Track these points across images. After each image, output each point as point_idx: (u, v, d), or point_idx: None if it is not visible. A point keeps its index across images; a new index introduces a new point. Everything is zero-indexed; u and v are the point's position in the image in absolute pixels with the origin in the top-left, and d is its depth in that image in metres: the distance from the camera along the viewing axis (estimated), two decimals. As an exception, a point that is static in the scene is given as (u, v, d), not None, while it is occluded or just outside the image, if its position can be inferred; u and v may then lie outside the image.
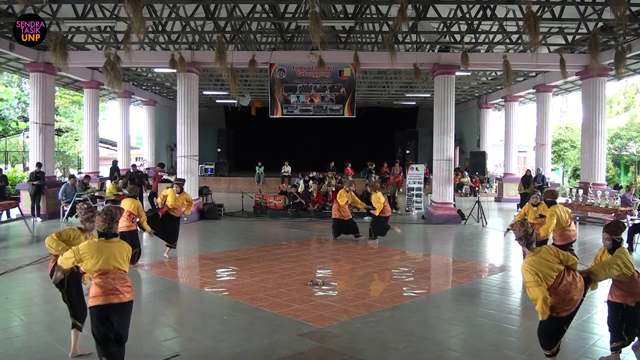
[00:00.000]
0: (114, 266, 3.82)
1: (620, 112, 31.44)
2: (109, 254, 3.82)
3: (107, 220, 3.91)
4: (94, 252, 3.79)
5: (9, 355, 4.40)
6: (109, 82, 10.42)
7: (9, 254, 8.72)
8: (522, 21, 9.73)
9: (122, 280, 3.86)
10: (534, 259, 3.85)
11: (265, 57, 13.16)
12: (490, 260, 8.63)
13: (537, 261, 3.83)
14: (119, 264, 3.87)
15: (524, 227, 3.99)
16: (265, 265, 8.00)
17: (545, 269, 3.79)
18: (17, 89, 23.06)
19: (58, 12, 10.90)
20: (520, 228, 4.00)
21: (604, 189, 12.31)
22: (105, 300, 3.73)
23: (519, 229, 4.00)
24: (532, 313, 5.74)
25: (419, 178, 15.32)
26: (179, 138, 13.29)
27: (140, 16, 7.86)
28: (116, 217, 3.98)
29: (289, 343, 4.70)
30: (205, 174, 21.77)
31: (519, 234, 4.01)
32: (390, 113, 26.82)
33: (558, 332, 3.98)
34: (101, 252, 3.81)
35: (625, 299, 4.25)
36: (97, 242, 3.92)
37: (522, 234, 3.98)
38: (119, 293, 3.79)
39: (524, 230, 3.98)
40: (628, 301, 4.24)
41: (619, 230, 4.45)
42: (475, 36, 13.15)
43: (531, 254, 3.92)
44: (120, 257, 3.90)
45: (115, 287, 3.78)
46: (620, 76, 13.87)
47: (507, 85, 11.96)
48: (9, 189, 14.74)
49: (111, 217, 3.93)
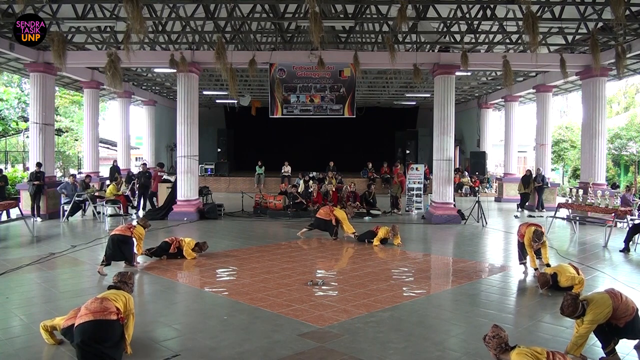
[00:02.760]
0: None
1: (620, 112, 31.46)
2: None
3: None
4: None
5: (9, 355, 4.39)
6: (109, 82, 10.44)
7: (9, 254, 8.71)
8: (522, 21, 9.73)
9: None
10: (519, 351, 3.67)
11: (265, 57, 13.16)
12: (490, 260, 8.63)
13: (523, 351, 3.65)
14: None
15: (496, 335, 3.78)
16: (265, 265, 8.00)
17: (534, 353, 3.62)
18: (17, 89, 23.07)
19: (58, 12, 10.91)
20: (493, 340, 3.78)
21: (604, 189, 12.30)
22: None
23: (492, 342, 3.78)
24: (532, 313, 5.76)
25: (419, 178, 15.33)
26: (179, 138, 13.29)
27: (140, 16, 7.87)
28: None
29: (289, 343, 4.70)
30: (205, 174, 21.79)
31: (494, 347, 3.77)
32: (390, 113, 26.83)
33: None
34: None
35: (614, 321, 4.24)
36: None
37: (497, 343, 3.75)
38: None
39: (497, 339, 3.77)
40: (617, 323, 4.24)
41: (573, 309, 4.27)
42: (475, 36, 13.15)
43: (514, 351, 3.69)
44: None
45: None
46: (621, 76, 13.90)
47: (507, 85, 11.96)
48: (9, 189, 14.76)
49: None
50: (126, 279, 4.68)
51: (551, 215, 12.13)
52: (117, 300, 4.27)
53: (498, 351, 3.76)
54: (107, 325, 4.05)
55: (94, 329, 4.00)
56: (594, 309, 4.19)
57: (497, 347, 3.76)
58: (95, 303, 4.19)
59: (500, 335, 3.78)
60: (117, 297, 4.32)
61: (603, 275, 7.50)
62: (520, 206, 15.85)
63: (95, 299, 4.26)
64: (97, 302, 4.20)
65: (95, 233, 10.81)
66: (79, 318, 4.10)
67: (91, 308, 4.13)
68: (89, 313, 4.07)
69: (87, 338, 3.96)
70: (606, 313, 4.17)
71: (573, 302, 4.16)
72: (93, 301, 4.24)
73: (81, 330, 4.02)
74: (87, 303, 4.26)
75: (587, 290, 6.76)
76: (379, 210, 14.41)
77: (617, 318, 4.22)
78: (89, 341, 3.95)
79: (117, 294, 4.39)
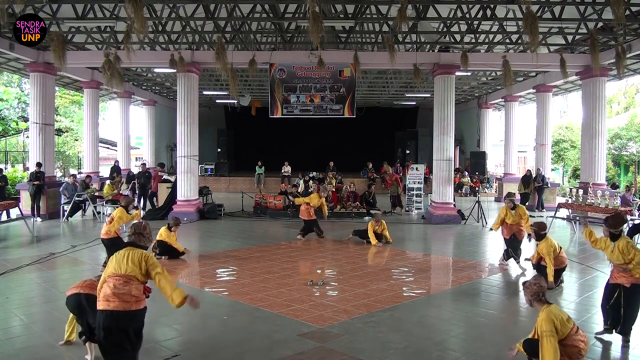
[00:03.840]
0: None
1: (620, 112, 31.45)
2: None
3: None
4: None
5: (9, 355, 4.40)
6: (109, 82, 10.44)
7: (9, 254, 8.72)
8: (522, 21, 9.73)
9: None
10: (552, 309, 3.87)
11: (265, 57, 13.16)
12: (490, 260, 8.63)
13: (555, 311, 3.84)
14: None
15: (537, 283, 3.97)
16: (265, 265, 8.00)
17: (562, 320, 3.81)
18: (17, 89, 23.06)
19: (58, 12, 10.91)
20: (532, 287, 3.97)
21: (604, 189, 12.30)
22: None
23: (532, 287, 3.96)
24: (532, 313, 5.75)
25: (419, 178, 15.33)
26: (179, 138, 13.29)
27: (140, 16, 7.87)
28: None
29: (289, 343, 4.70)
30: (205, 174, 21.78)
31: (531, 294, 3.96)
32: (390, 113, 26.83)
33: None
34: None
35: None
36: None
37: (535, 290, 3.95)
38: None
39: (537, 287, 3.95)
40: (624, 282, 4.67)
41: (618, 224, 4.87)
42: (475, 36, 13.15)
43: (546, 308, 3.89)
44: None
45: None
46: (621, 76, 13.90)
47: (507, 85, 11.96)
48: (9, 189, 14.75)
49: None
50: (141, 230, 4.04)
51: (551, 215, 12.13)
52: (135, 270, 3.75)
53: (534, 298, 3.96)
54: (133, 314, 3.74)
55: (120, 318, 3.68)
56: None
57: (534, 294, 3.95)
58: (120, 283, 3.68)
59: (541, 285, 3.97)
60: (134, 265, 3.76)
61: (603, 275, 7.49)
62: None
63: (119, 278, 3.70)
64: (122, 282, 3.68)
65: (95, 233, 10.80)
66: (104, 301, 3.67)
67: (117, 291, 3.66)
68: (115, 299, 3.64)
69: (114, 326, 3.66)
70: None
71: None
72: (117, 279, 3.70)
73: (107, 317, 3.67)
74: (110, 279, 3.72)
75: (587, 290, 6.79)
76: (379, 210, 14.37)
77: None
78: (115, 329, 3.68)
79: (134, 257, 3.78)
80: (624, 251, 4.66)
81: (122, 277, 3.69)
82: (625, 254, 4.65)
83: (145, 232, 4.03)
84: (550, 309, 3.85)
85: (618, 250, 4.72)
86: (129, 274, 3.71)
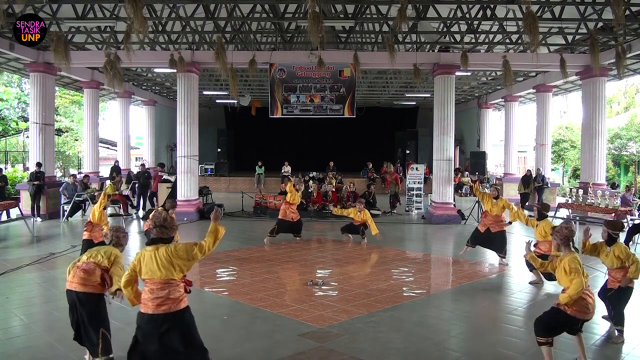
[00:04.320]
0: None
1: (620, 112, 31.45)
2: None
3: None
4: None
5: (9, 355, 4.40)
6: (109, 82, 10.44)
7: (9, 254, 8.72)
8: (522, 21, 9.73)
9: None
10: (577, 256, 4.10)
11: (265, 57, 13.16)
12: (490, 260, 8.63)
13: (579, 259, 4.07)
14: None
15: (568, 228, 4.20)
16: (265, 265, 8.00)
17: (583, 269, 4.06)
18: (17, 89, 23.06)
19: (58, 12, 10.91)
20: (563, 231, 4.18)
21: (604, 189, 12.30)
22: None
23: (562, 231, 4.18)
24: (532, 313, 5.75)
25: (419, 178, 15.33)
26: (179, 138, 13.29)
27: (140, 16, 7.87)
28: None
29: (289, 343, 4.70)
30: (205, 174, 21.77)
31: (560, 237, 4.18)
32: (390, 113, 26.82)
33: (559, 327, 4.11)
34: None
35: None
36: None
37: (565, 234, 4.16)
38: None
39: (568, 231, 4.17)
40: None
41: (617, 227, 5.04)
42: (475, 36, 13.15)
43: (572, 253, 4.12)
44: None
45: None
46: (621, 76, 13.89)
47: (507, 85, 11.96)
48: (9, 189, 14.75)
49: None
50: (162, 222, 3.67)
51: (551, 215, 12.12)
52: (169, 273, 3.56)
53: (563, 242, 4.16)
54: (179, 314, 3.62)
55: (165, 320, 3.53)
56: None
57: (564, 238, 4.16)
58: (158, 288, 3.52)
59: (571, 229, 4.21)
60: (166, 270, 3.55)
61: (603, 275, 7.48)
62: (521, 206, 15.84)
63: (157, 286, 3.52)
64: (162, 291, 3.51)
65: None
66: (148, 303, 3.52)
67: (157, 294, 3.52)
68: (159, 303, 3.51)
69: (165, 329, 3.52)
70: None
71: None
72: (155, 284, 3.51)
73: (155, 320, 3.52)
74: (148, 284, 3.54)
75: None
76: (379, 210, 14.40)
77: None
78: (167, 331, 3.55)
79: (162, 259, 3.55)
80: (619, 256, 4.90)
81: (159, 283, 3.54)
82: (622, 258, 4.89)
83: (167, 222, 3.68)
84: (575, 255, 4.08)
85: (613, 255, 4.92)
86: (165, 278, 3.54)
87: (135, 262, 3.62)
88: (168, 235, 3.67)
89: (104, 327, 4.03)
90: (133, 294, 3.69)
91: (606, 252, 5.01)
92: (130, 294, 3.69)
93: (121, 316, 5.48)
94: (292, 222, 9.98)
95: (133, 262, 3.63)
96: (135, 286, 3.72)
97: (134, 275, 3.65)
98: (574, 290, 3.92)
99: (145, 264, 3.57)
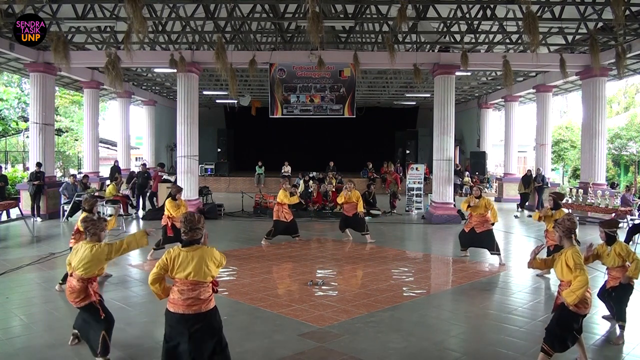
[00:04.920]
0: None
1: (620, 112, 31.46)
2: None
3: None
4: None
5: (9, 355, 4.40)
6: (110, 82, 10.45)
7: (9, 254, 8.72)
8: (522, 21, 9.73)
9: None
10: (578, 249, 4.08)
11: (265, 57, 13.16)
12: (490, 260, 8.63)
13: (580, 252, 4.05)
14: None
15: (570, 220, 4.20)
16: (265, 265, 8.00)
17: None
18: (17, 89, 23.06)
19: (58, 12, 10.91)
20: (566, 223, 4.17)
21: (604, 189, 12.30)
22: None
23: (565, 223, 4.16)
24: (532, 313, 5.76)
25: (419, 178, 15.34)
26: (179, 138, 13.29)
27: (140, 16, 7.87)
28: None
29: (289, 343, 4.70)
30: (205, 174, 21.78)
31: (563, 229, 4.16)
32: (390, 113, 26.82)
33: (571, 335, 4.03)
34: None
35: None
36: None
37: (568, 226, 4.15)
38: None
39: (570, 222, 4.16)
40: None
41: (612, 225, 5.07)
42: (475, 36, 13.15)
43: (573, 246, 4.10)
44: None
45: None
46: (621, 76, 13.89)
47: (507, 85, 11.96)
48: (9, 189, 14.75)
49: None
50: (195, 224, 3.68)
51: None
52: (203, 275, 3.60)
53: (565, 234, 4.14)
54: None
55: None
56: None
57: (566, 230, 4.14)
58: (190, 288, 3.57)
59: (574, 222, 4.19)
60: (200, 276, 3.58)
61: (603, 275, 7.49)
62: (520, 206, 15.86)
63: (188, 287, 3.57)
64: (192, 292, 3.57)
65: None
66: (179, 302, 3.56)
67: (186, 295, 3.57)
68: (190, 303, 3.57)
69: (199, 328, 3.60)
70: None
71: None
72: (186, 285, 3.56)
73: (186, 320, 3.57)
74: (177, 284, 3.58)
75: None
76: (378, 210, 14.40)
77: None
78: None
79: (200, 264, 3.58)
80: (620, 254, 4.90)
81: (190, 283, 3.59)
82: (623, 256, 4.91)
83: (200, 224, 3.69)
84: (577, 249, 4.06)
85: (614, 253, 4.93)
86: (198, 279, 3.58)
87: (167, 261, 3.61)
88: (200, 235, 3.71)
89: (106, 329, 4.14)
90: (161, 290, 3.73)
91: (607, 251, 5.02)
92: (158, 290, 3.73)
93: (121, 316, 5.48)
94: (287, 222, 9.86)
95: (163, 260, 3.62)
96: (164, 283, 3.73)
97: (162, 273, 3.66)
98: (580, 288, 3.88)
99: (179, 264, 3.59)
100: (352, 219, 10.02)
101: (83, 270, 4.18)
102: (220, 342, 3.71)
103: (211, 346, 3.63)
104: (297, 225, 10.15)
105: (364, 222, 10.04)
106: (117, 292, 6.50)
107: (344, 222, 10.22)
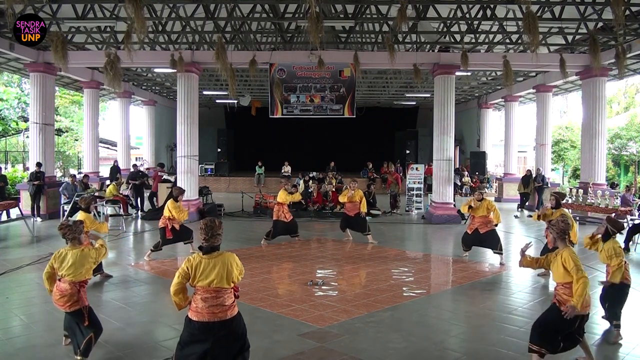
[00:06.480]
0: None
1: (620, 112, 31.46)
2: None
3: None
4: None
5: (9, 355, 4.40)
6: (109, 82, 10.44)
7: (9, 254, 8.72)
8: (522, 21, 9.73)
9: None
10: (573, 250, 4.07)
11: (265, 57, 13.16)
12: (490, 260, 8.63)
13: (576, 254, 4.03)
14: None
15: (564, 221, 4.18)
16: (265, 265, 8.00)
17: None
18: (17, 89, 23.06)
19: (58, 12, 10.91)
20: (560, 224, 4.15)
21: (604, 189, 12.30)
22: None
23: (559, 225, 4.14)
24: (532, 313, 5.75)
25: (419, 178, 15.34)
26: (179, 138, 13.29)
27: (140, 16, 7.87)
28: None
29: (289, 343, 4.70)
30: (205, 174, 21.78)
31: (557, 231, 4.13)
32: (390, 113, 26.83)
33: (565, 330, 4.04)
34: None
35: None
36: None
37: (562, 228, 4.13)
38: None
39: (564, 224, 4.14)
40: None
41: (617, 226, 5.10)
42: (475, 36, 13.15)
43: (568, 247, 4.09)
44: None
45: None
46: (621, 76, 13.88)
47: (507, 85, 11.96)
48: (9, 189, 14.75)
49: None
50: (215, 230, 3.65)
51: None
52: (225, 281, 3.59)
53: (559, 236, 4.12)
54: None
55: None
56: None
57: (560, 232, 4.11)
58: (213, 295, 3.54)
59: (567, 223, 4.17)
60: (224, 281, 3.57)
61: (603, 275, 7.49)
62: (520, 206, 15.86)
63: (211, 295, 3.54)
64: (216, 299, 3.55)
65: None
66: (203, 311, 3.53)
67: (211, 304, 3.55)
68: (214, 310, 3.54)
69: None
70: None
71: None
72: (209, 292, 3.53)
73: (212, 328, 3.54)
74: (200, 292, 3.55)
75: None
76: (379, 210, 14.40)
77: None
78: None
79: (222, 270, 3.57)
80: (608, 253, 4.96)
81: (213, 291, 3.55)
82: (608, 257, 4.97)
83: (221, 230, 3.67)
84: (572, 250, 4.05)
85: (604, 250, 5.01)
86: (220, 286, 3.57)
87: (188, 270, 3.55)
88: (220, 242, 3.68)
89: (94, 333, 4.22)
90: (183, 300, 3.67)
91: (601, 247, 5.08)
92: (181, 301, 3.66)
93: (121, 316, 5.49)
94: (286, 222, 9.82)
95: (184, 268, 3.56)
96: (185, 293, 3.67)
97: (184, 282, 3.62)
98: (583, 290, 3.86)
99: (201, 271, 3.54)
100: (353, 219, 10.01)
101: (73, 275, 4.20)
102: (244, 345, 3.69)
103: (236, 348, 3.61)
104: (297, 225, 10.13)
105: (365, 223, 10.04)
106: (117, 292, 6.50)
107: (345, 221, 10.21)
